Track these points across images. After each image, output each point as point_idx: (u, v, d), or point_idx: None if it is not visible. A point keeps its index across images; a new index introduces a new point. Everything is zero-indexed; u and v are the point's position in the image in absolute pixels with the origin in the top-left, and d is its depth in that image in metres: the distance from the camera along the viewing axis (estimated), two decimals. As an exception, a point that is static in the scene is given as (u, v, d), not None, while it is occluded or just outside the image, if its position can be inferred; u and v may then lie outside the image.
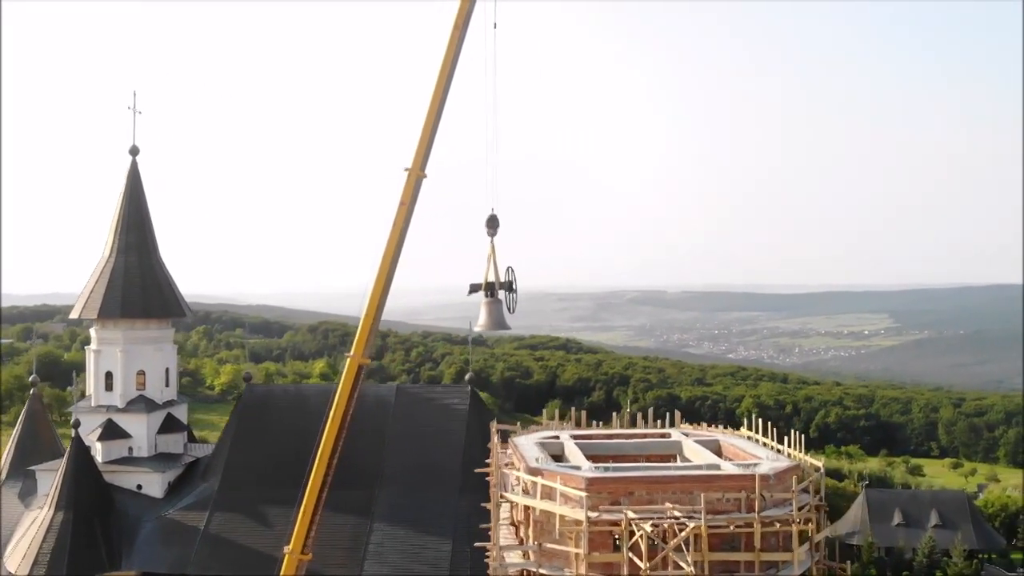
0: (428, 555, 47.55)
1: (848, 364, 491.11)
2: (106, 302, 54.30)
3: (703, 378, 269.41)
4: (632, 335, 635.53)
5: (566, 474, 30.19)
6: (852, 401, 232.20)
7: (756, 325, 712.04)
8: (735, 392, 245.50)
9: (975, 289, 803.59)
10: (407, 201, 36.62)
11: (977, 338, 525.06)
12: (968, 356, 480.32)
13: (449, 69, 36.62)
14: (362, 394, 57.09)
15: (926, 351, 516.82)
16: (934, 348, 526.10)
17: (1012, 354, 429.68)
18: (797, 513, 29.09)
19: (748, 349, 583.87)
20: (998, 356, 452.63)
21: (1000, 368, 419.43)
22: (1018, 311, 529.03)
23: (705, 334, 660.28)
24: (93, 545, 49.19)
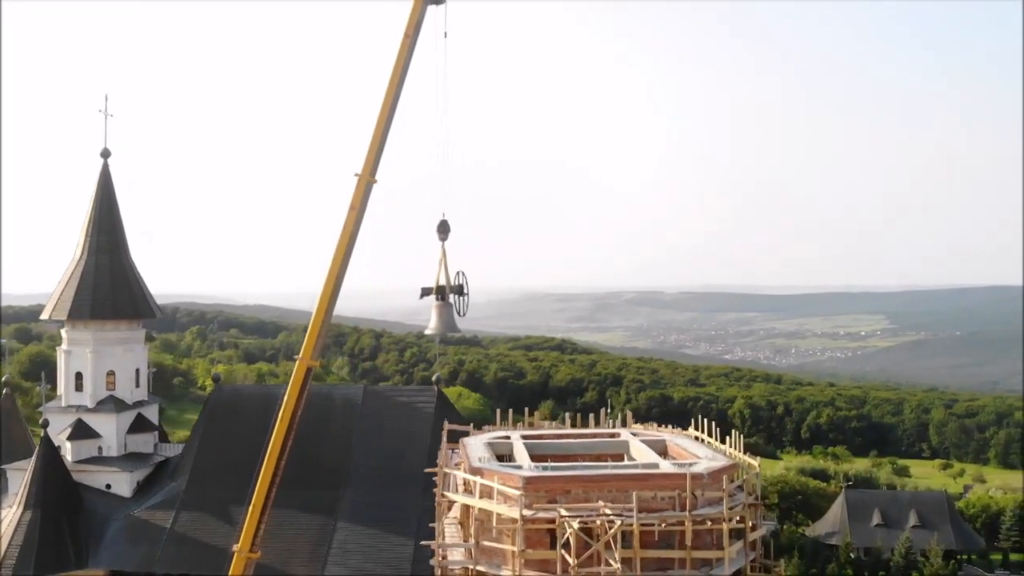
0: (390, 555, 48.06)
1: (844, 365, 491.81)
2: (76, 303, 54.84)
3: (696, 379, 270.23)
4: (629, 336, 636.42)
5: (504, 473, 30.71)
6: (844, 402, 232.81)
7: (753, 326, 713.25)
8: (728, 393, 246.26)
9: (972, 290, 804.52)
10: (357, 206, 37.24)
11: (974, 339, 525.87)
12: (965, 357, 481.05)
13: (399, 77, 37.24)
14: (329, 395, 58.16)
15: (923, 352, 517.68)
16: (931, 349, 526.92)
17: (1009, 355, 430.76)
18: (728, 512, 29.61)
19: (745, 350, 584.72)
20: (995, 357, 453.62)
21: (997, 369, 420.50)
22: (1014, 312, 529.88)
23: (702, 335, 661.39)
24: (60, 543, 49.75)
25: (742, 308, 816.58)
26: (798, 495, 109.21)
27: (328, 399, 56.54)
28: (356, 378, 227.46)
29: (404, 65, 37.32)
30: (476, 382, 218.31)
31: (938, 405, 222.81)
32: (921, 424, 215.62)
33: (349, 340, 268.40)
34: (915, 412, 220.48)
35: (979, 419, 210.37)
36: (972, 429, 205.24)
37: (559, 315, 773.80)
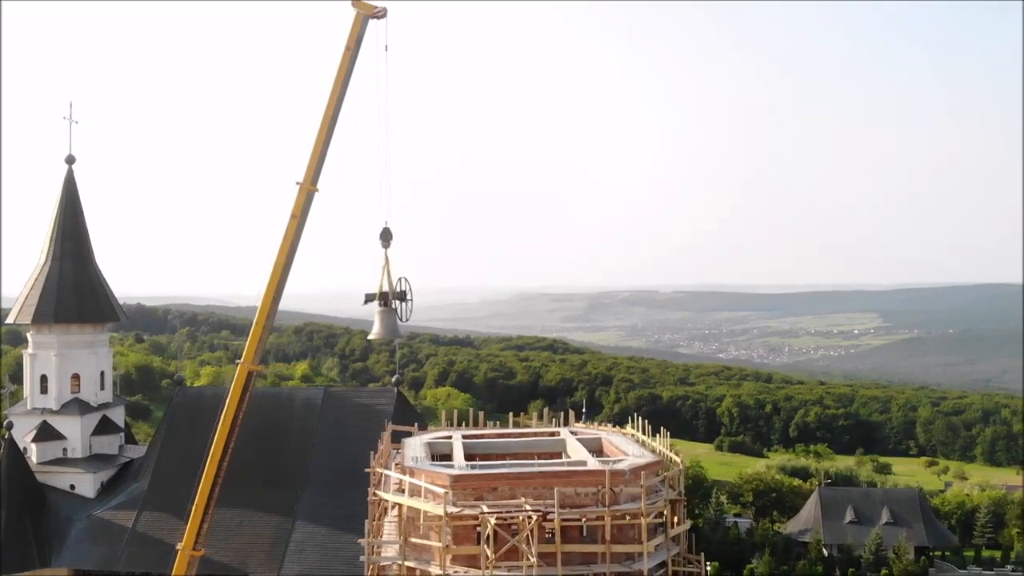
0: (346, 553, 48.72)
1: (837, 363, 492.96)
2: (40, 307, 55.72)
3: (687, 378, 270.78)
4: (623, 335, 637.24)
5: (432, 472, 31.69)
6: (832, 400, 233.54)
7: (747, 325, 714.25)
8: (717, 392, 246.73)
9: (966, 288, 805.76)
10: (298, 214, 38.04)
11: (966, 337, 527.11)
12: (957, 355, 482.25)
13: (341, 89, 38.05)
14: (290, 397, 58.99)
15: (915, 350, 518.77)
16: (923, 347, 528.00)
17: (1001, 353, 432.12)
18: (647, 507, 30.55)
19: (738, 349, 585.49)
20: (987, 355, 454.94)
21: (990, 367, 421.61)
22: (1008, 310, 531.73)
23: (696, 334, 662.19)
24: (24, 543, 50.62)
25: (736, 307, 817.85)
26: (773, 493, 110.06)
27: (289, 401, 57.46)
28: (346, 379, 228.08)
29: (345, 78, 38.10)
30: (466, 382, 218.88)
31: (926, 403, 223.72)
32: (908, 422, 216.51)
33: (340, 341, 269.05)
34: (902, 410, 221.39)
35: (966, 416, 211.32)
36: (958, 427, 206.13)
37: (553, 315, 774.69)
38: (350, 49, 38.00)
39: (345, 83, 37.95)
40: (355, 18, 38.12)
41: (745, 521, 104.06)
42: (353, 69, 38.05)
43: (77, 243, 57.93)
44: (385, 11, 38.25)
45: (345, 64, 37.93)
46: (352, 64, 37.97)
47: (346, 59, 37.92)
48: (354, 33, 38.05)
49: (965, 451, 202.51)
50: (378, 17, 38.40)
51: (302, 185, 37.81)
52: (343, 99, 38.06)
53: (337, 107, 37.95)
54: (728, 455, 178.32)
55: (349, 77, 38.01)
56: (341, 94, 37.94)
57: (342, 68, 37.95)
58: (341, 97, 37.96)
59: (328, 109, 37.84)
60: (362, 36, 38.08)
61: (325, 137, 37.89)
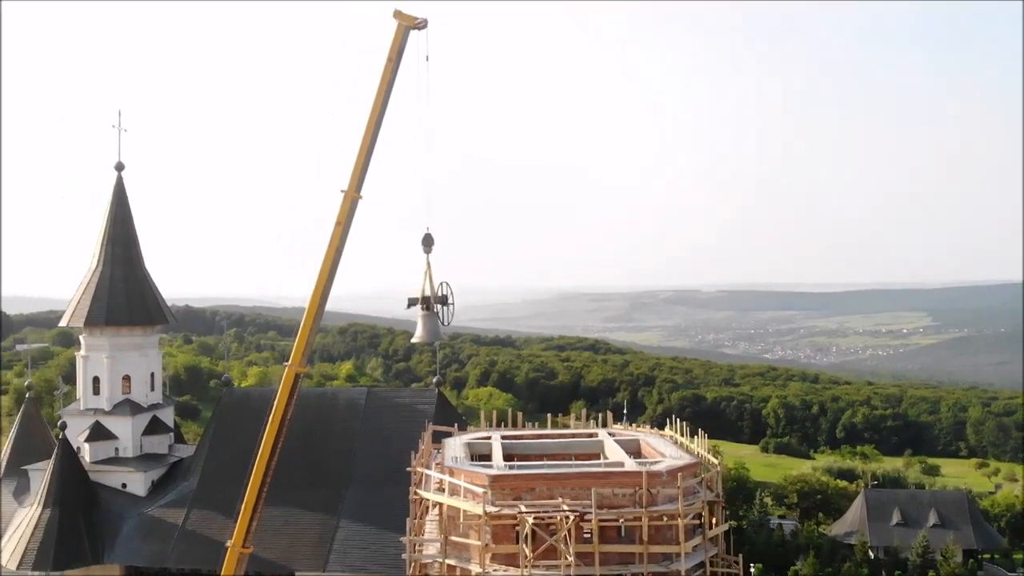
0: (389, 551, 49.51)
1: (886, 363, 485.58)
2: (92, 310, 57.31)
3: (731, 378, 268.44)
4: (666, 335, 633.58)
5: (472, 472, 32.20)
6: (880, 401, 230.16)
7: (793, 324, 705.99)
8: (762, 393, 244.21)
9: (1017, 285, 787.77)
10: (343, 221, 38.83)
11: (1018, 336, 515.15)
12: (1009, 354, 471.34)
13: (383, 99, 38.72)
14: (334, 397, 59.98)
15: (966, 349, 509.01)
16: (974, 346, 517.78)
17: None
18: (684, 508, 30.76)
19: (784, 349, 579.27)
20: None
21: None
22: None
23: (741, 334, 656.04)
24: (77, 540, 52.12)
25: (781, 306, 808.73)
26: (818, 495, 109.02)
27: (333, 401, 58.44)
28: (390, 379, 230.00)
29: (387, 88, 38.74)
30: (508, 383, 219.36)
31: (976, 403, 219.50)
32: (958, 423, 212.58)
33: (383, 342, 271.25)
34: (952, 411, 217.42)
35: (1017, 417, 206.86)
36: (1010, 427, 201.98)
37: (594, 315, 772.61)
38: (392, 60, 38.64)
39: (387, 93, 38.61)
40: (396, 30, 38.74)
41: (790, 523, 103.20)
42: (395, 79, 38.69)
43: (127, 248, 59.50)
44: (426, 22, 38.86)
45: (387, 74, 38.59)
46: (394, 75, 38.64)
47: (388, 70, 38.57)
48: (396, 44, 38.69)
49: (1016, 452, 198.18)
50: (419, 28, 38.99)
51: (347, 193, 38.54)
52: (386, 109, 38.71)
53: (380, 117, 38.62)
54: (773, 456, 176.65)
55: (391, 87, 38.66)
56: (384, 104, 38.60)
57: (384, 78, 38.61)
58: (384, 107, 38.63)
59: (371, 119, 38.52)
60: (403, 47, 38.74)
61: (368, 146, 38.58)
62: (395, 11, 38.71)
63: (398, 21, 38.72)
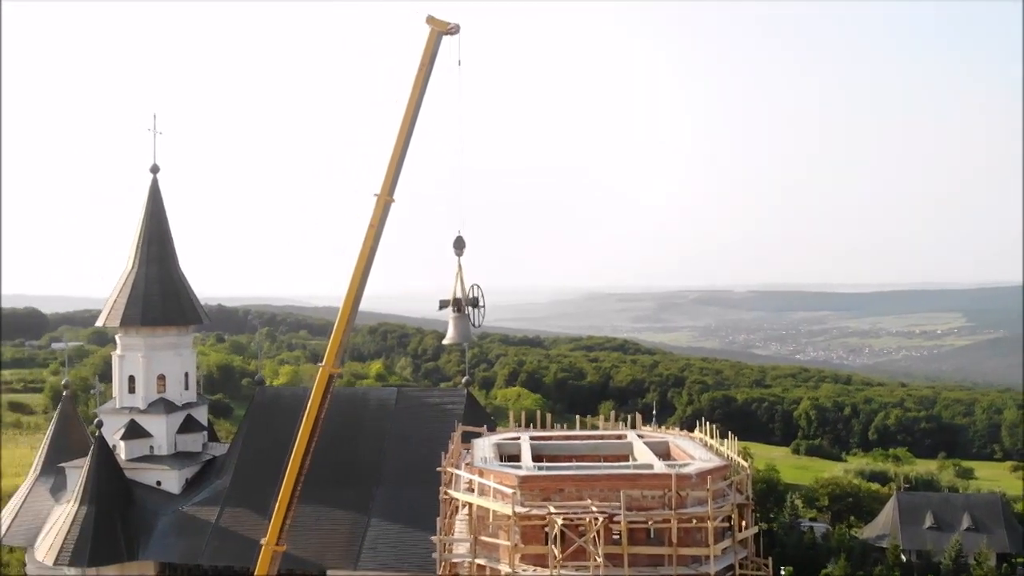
0: (418, 550, 49.80)
1: (919, 365, 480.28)
2: (128, 311, 58.26)
3: (763, 379, 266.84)
4: (696, 336, 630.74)
5: (501, 472, 32.39)
6: (914, 403, 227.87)
7: (825, 325, 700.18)
8: (794, 394, 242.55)
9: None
10: (376, 224, 39.28)
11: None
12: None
13: (415, 104, 39.06)
14: (364, 397, 60.47)
15: (1001, 350, 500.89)
16: (1009, 347, 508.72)
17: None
18: (714, 510, 30.77)
19: (816, 350, 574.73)
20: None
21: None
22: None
23: (772, 334, 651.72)
24: (113, 537, 53.00)
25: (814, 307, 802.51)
26: (849, 497, 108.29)
27: (363, 400, 58.90)
28: (419, 378, 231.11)
29: (420, 93, 39.05)
30: (536, 383, 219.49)
31: (1011, 405, 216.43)
32: (993, 425, 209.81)
33: (412, 341, 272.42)
34: (987, 413, 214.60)
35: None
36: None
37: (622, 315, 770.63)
38: (424, 65, 38.95)
39: (420, 98, 38.93)
40: (429, 35, 39.05)
41: (821, 526, 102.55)
42: (428, 85, 39.01)
43: (162, 249, 60.40)
44: (458, 28, 39.11)
45: (420, 80, 38.90)
46: (427, 80, 38.95)
47: (421, 75, 38.88)
48: (428, 50, 38.99)
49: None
50: (451, 34, 39.27)
51: (379, 196, 38.94)
52: (418, 114, 39.05)
53: (412, 122, 38.95)
54: (805, 459, 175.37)
55: (424, 92, 38.99)
56: (416, 109, 38.93)
57: (417, 84, 38.91)
58: (416, 112, 38.96)
59: (404, 124, 38.86)
60: (436, 53, 39.04)
61: (401, 150, 38.93)
62: (428, 17, 39.02)
63: (431, 27, 39.03)
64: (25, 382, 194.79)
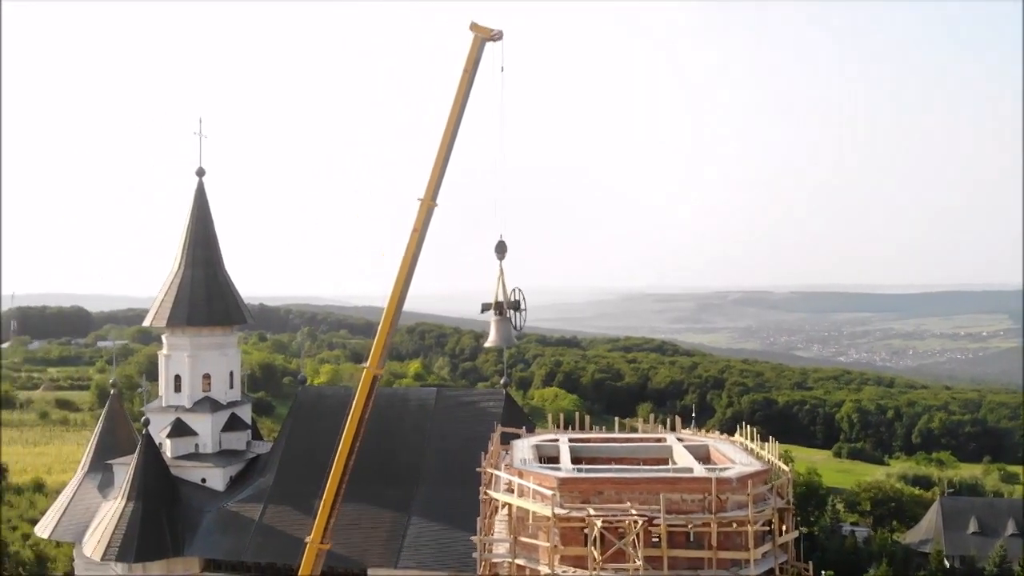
0: (458, 549, 50.31)
1: (964, 367, 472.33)
2: (174, 311, 59.37)
3: (804, 382, 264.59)
4: (736, 337, 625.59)
5: (540, 474, 32.61)
6: (958, 406, 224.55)
7: (868, 327, 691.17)
8: (836, 396, 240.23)
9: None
10: (419, 228, 39.70)
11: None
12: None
13: (459, 109, 39.38)
14: (404, 397, 61.07)
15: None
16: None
17: None
18: (754, 514, 30.73)
19: (859, 352, 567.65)
20: None
21: None
22: None
23: (814, 336, 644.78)
24: (159, 533, 54.05)
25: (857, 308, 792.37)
26: (892, 502, 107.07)
27: (403, 400, 59.44)
28: (456, 378, 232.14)
29: (463, 98, 39.36)
30: (573, 383, 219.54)
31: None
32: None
33: (450, 341, 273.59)
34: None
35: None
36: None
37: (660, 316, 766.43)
38: (468, 71, 39.22)
39: (463, 104, 39.22)
40: (473, 41, 39.35)
41: (863, 530, 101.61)
42: (471, 90, 39.33)
43: (207, 250, 61.45)
44: (501, 34, 39.33)
45: (463, 85, 39.19)
46: (470, 85, 39.25)
47: (464, 80, 39.17)
48: (472, 56, 39.28)
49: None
50: (494, 40, 39.53)
51: (423, 201, 39.31)
52: (461, 119, 39.36)
53: (456, 127, 39.26)
54: (847, 462, 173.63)
55: (467, 98, 39.30)
56: (460, 114, 39.24)
57: (460, 89, 39.21)
58: (459, 117, 39.27)
59: (447, 129, 39.19)
60: (479, 58, 39.33)
61: (444, 155, 39.26)
62: (471, 23, 39.33)
63: (474, 33, 39.33)
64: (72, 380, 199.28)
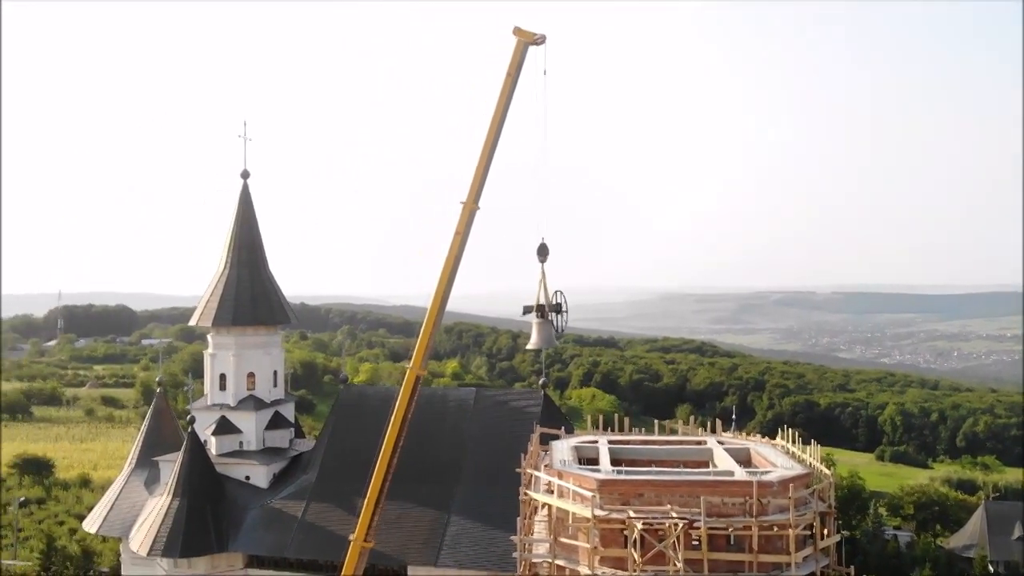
0: (497, 549, 50.67)
1: (1011, 369, 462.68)
2: (220, 311, 60.43)
3: (846, 384, 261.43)
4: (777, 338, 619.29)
5: (580, 475, 32.81)
6: (1004, 409, 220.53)
7: (912, 328, 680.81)
8: (879, 399, 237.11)
9: None
10: (462, 231, 40.10)
11: None
12: None
13: (502, 113, 39.66)
14: (444, 397, 61.52)
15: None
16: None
17: None
18: (795, 518, 30.66)
19: (903, 353, 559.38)
20: None
21: None
22: None
23: (857, 337, 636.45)
24: (204, 529, 55.04)
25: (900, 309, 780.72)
26: (935, 506, 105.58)
27: (443, 400, 59.92)
28: (493, 377, 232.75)
29: (506, 102, 39.62)
30: (611, 384, 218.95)
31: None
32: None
33: (487, 341, 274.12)
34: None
35: None
36: None
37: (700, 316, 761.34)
38: (511, 75, 39.49)
39: (506, 107, 39.48)
40: (516, 46, 39.62)
41: (905, 534, 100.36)
42: (513, 94, 39.59)
43: (252, 251, 62.46)
44: (544, 38, 39.56)
45: (506, 89, 39.46)
46: (513, 89, 39.51)
47: (507, 84, 39.44)
48: (515, 60, 39.55)
49: None
50: (537, 44, 39.77)
51: (465, 204, 39.68)
52: (504, 123, 39.64)
53: (498, 130, 39.55)
54: (890, 465, 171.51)
55: (510, 101, 39.58)
56: (502, 118, 39.52)
57: (503, 93, 39.47)
58: (502, 121, 39.55)
59: (490, 132, 39.49)
60: (522, 62, 39.59)
61: (487, 159, 39.60)
62: (515, 28, 39.60)
63: (517, 37, 39.57)
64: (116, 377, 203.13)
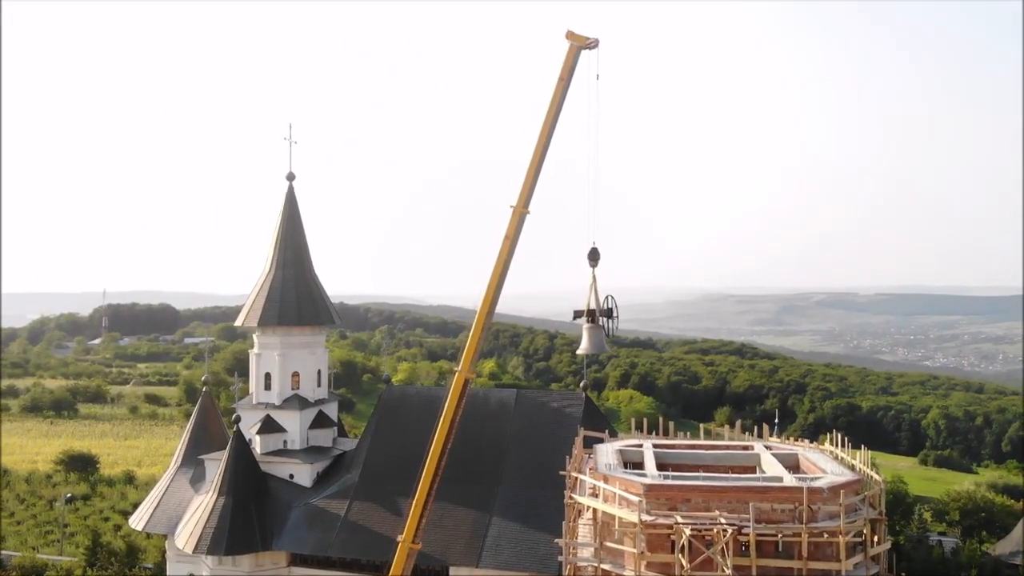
0: (539, 551, 50.66)
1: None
2: (265, 311, 61.07)
3: (889, 387, 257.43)
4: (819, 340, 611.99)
5: (626, 480, 32.69)
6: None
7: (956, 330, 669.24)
8: (922, 402, 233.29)
9: None
10: (512, 235, 40.18)
11: None
12: None
13: (553, 118, 39.65)
14: (486, 398, 61.60)
15: None
16: None
17: None
18: (846, 525, 30.30)
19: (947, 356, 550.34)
20: None
21: None
22: None
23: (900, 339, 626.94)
24: (248, 527, 55.63)
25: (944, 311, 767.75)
26: (982, 512, 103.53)
27: (484, 402, 59.96)
28: (530, 378, 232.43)
29: (558, 107, 39.58)
30: (649, 386, 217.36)
31: None
32: None
33: (524, 341, 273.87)
34: None
35: None
36: None
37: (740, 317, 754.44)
38: (563, 80, 39.46)
39: (557, 112, 39.45)
40: (568, 50, 39.60)
41: (951, 541, 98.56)
42: (565, 98, 39.53)
43: (297, 252, 63.05)
44: (597, 42, 39.51)
45: (558, 94, 39.44)
46: (564, 94, 39.47)
47: (559, 89, 39.41)
48: (567, 64, 39.53)
49: None
50: (590, 48, 39.70)
51: (515, 208, 39.71)
52: (555, 127, 39.59)
53: (549, 135, 39.53)
54: (933, 470, 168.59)
55: (561, 106, 39.52)
56: (553, 122, 39.49)
57: (555, 97, 39.46)
58: (553, 125, 39.53)
59: (541, 137, 39.48)
60: (575, 67, 39.55)
61: (538, 163, 39.58)
62: (567, 32, 39.56)
63: (570, 42, 39.51)
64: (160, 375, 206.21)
